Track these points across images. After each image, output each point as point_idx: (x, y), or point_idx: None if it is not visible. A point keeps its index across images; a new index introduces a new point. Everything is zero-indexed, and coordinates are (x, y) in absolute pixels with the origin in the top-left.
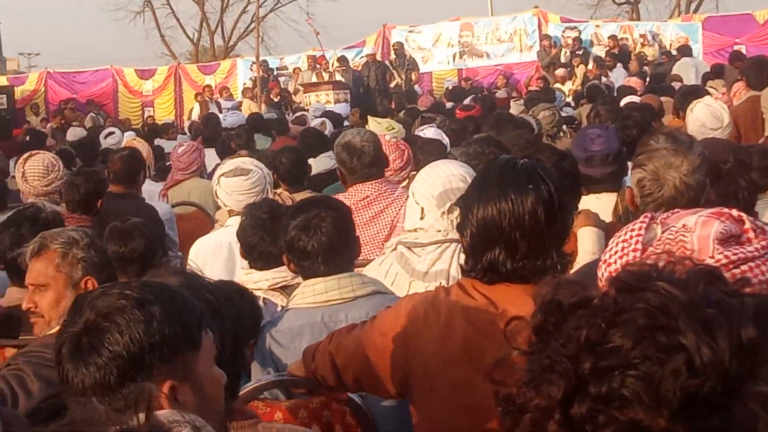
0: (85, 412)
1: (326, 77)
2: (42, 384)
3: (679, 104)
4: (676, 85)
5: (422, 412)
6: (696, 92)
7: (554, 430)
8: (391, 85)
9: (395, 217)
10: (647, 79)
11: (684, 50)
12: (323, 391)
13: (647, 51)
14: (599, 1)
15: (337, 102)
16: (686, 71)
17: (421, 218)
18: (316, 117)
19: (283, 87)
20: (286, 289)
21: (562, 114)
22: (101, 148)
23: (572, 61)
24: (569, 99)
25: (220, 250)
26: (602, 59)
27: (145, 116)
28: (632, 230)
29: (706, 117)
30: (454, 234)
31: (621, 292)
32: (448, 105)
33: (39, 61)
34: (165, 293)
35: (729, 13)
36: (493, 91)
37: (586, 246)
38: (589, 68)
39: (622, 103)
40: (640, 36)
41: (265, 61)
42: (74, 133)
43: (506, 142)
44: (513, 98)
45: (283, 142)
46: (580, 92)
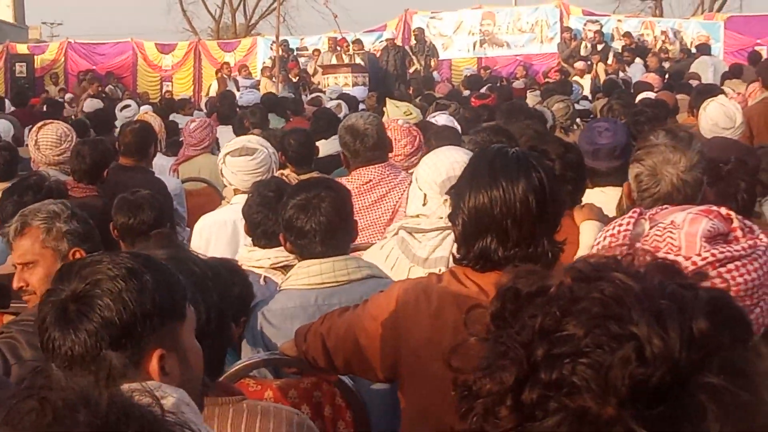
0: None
1: (346, 60)
2: (36, 352)
3: (695, 102)
4: (694, 83)
5: (410, 398)
6: (711, 91)
7: (505, 416)
8: (410, 71)
9: (398, 202)
10: (666, 76)
11: (703, 48)
12: (314, 371)
13: (668, 48)
14: None
15: (355, 85)
16: (704, 70)
17: (424, 204)
18: (332, 99)
19: (302, 68)
20: (287, 269)
21: (579, 107)
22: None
23: (592, 54)
24: (587, 92)
25: (224, 228)
26: (621, 54)
27: (163, 91)
28: (620, 225)
29: (719, 116)
30: None
31: (577, 282)
32: (465, 93)
33: (61, 30)
34: (153, 263)
35: (752, 14)
36: (512, 81)
37: (587, 240)
38: (608, 63)
39: (638, 99)
40: (662, 33)
41: (285, 41)
42: (91, 104)
43: (515, 131)
44: (530, 89)
45: (298, 122)
46: (597, 86)
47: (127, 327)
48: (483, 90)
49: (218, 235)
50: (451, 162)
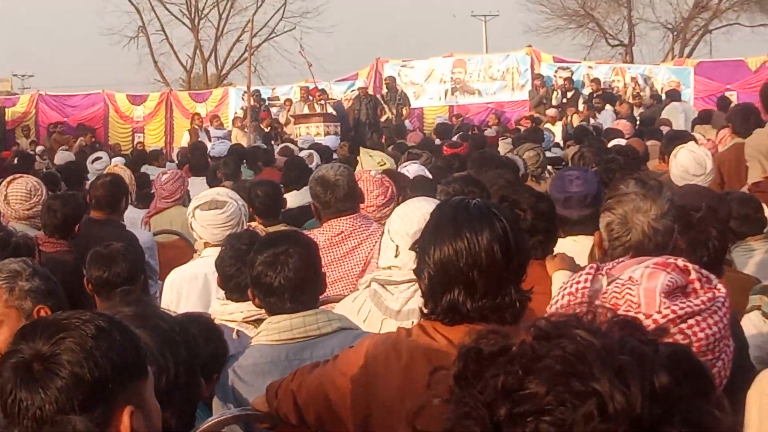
0: None
1: (318, 109)
2: None
3: (666, 149)
4: (665, 129)
5: None
6: (682, 137)
7: None
8: (382, 120)
9: (370, 254)
10: (637, 123)
11: (673, 94)
12: (286, 428)
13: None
14: (593, 42)
15: (327, 134)
16: (675, 116)
17: (396, 256)
18: (304, 149)
19: (274, 117)
20: (260, 322)
21: (550, 155)
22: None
23: (565, 104)
24: (558, 139)
25: (195, 282)
26: (591, 100)
27: (135, 142)
28: (578, 282)
29: (690, 163)
30: None
31: (539, 340)
32: (438, 141)
33: (32, 82)
34: (116, 321)
35: (721, 59)
36: (484, 129)
37: None
38: (579, 110)
39: (609, 146)
40: (632, 79)
41: (257, 91)
42: (62, 156)
43: (486, 181)
44: (502, 137)
45: (269, 173)
46: (569, 133)
47: (98, 384)
48: (455, 138)
49: (189, 289)
50: (423, 213)
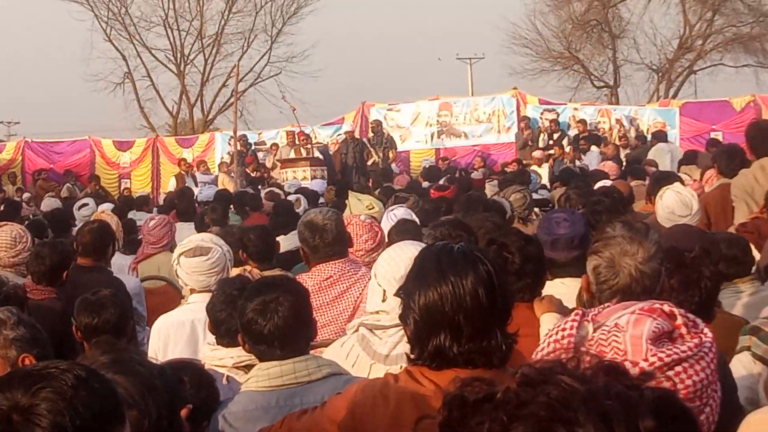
0: None
1: (304, 153)
2: None
3: (652, 190)
4: (651, 170)
5: None
6: (668, 178)
7: None
8: (369, 163)
9: (359, 298)
10: (623, 164)
11: (659, 135)
12: None
13: (624, 135)
14: (579, 84)
15: (314, 178)
16: (662, 157)
17: (383, 300)
18: (291, 193)
19: (260, 162)
20: (250, 368)
21: (537, 196)
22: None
23: (550, 143)
24: (545, 181)
25: (182, 328)
26: (577, 142)
27: (122, 188)
28: (563, 329)
29: (675, 204)
30: None
31: (523, 386)
32: (426, 184)
33: (18, 129)
34: (92, 369)
35: (706, 100)
36: (470, 171)
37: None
38: (566, 151)
39: (595, 187)
40: (616, 121)
41: (244, 136)
42: (48, 203)
43: (474, 224)
44: (488, 179)
45: (257, 218)
46: (555, 175)
47: None
48: (441, 181)
49: (177, 336)
50: (409, 257)
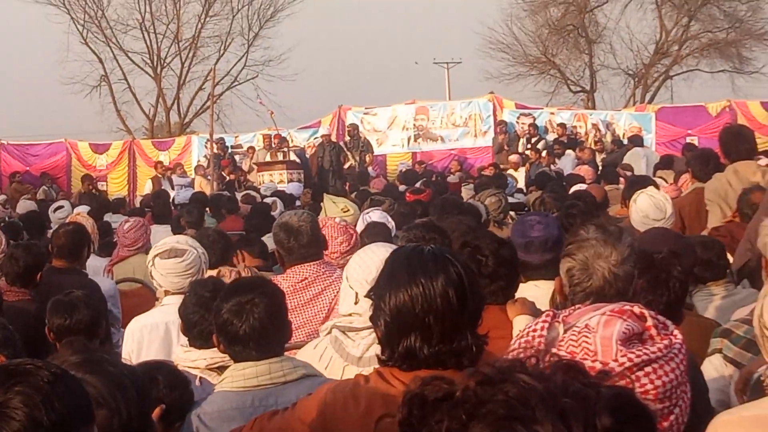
0: None
1: (280, 156)
2: None
3: (627, 194)
4: (627, 174)
5: None
6: (643, 182)
7: None
8: (345, 167)
9: (333, 300)
10: (599, 168)
11: (635, 140)
12: None
13: (600, 139)
14: (555, 88)
15: (291, 181)
16: (637, 161)
17: (356, 303)
18: (267, 196)
19: (237, 165)
20: (223, 369)
21: (513, 200)
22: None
23: (528, 147)
24: (521, 185)
25: (156, 330)
26: (552, 147)
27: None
28: (534, 330)
29: (649, 208)
30: None
31: (482, 385)
32: (402, 188)
33: None
34: (65, 371)
35: (682, 105)
36: (447, 175)
37: None
38: (542, 155)
39: (571, 191)
40: (593, 125)
41: (222, 139)
42: (24, 205)
43: (448, 227)
44: (465, 183)
45: (232, 221)
46: (531, 179)
47: (55, 428)
48: (418, 184)
49: (150, 337)
50: (380, 259)
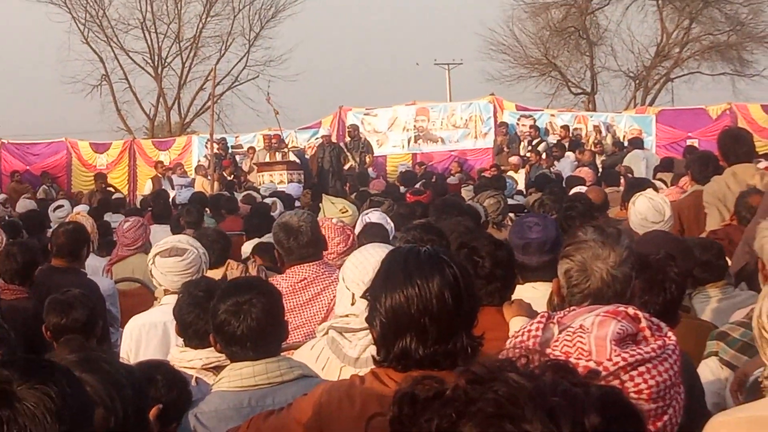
0: None
1: (279, 157)
2: None
3: (626, 196)
4: (628, 176)
5: None
6: (642, 185)
7: None
8: (345, 167)
9: (332, 300)
10: (599, 170)
11: (635, 142)
12: None
13: (601, 141)
14: (556, 90)
15: (290, 182)
16: (637, 163)
17: (352, 303)
18: (266, 197)
19: (238, 165)
20: (219, 369)
21: (513, 202)
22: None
23: (530, 149)
24: (521, 187)
25: (154, 329)
26: (551, 149)
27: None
28: (529, 331)
29: (648, 210)
30: None
31: (472, 384)
32: (402, 189)
33: None
34: (65, 369)
35: (683, 107)
36: (447, 176)
37: None
38: (542, 157)
39: (571, 193)
40: (594, 127)
41: (224, 139)
42: (23, 204)
43: (446, 228)
44: (465, 185)
45: (232, 221)
46: (531, 180)
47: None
48: (417, 185)
49: (148, 337)
50: (377, 260)
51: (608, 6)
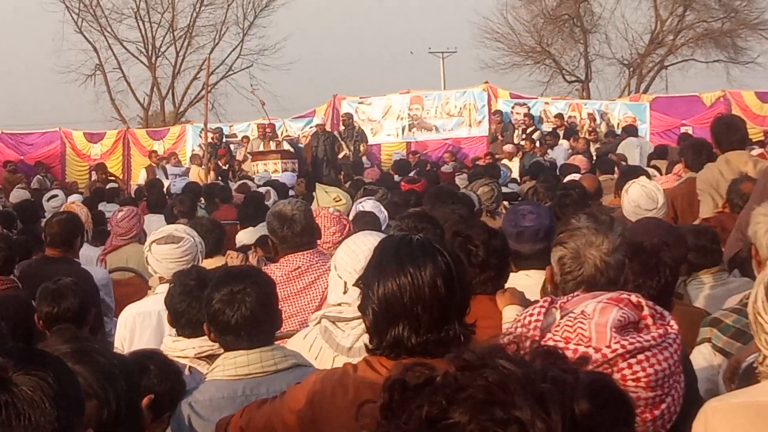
0: None
1: (273, 146)
2: None
3: (620, 184)
4: (622, 163)
5: None
6: (636, 172)
7: None
8: (340, 156)
9: (326, 289)
10: (593, 158)
11: (629, 130)
12: None
13: (595, 129)
14: (550, 78)
15: (285, 171)
16: (631, 151)
17: (345, 292)
18: (260, 186)
19: (232, 155)
20: (212, 358)
21: (507, 190)
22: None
23: (524, 137)
24: (515, 175)
25: (149, 319)
26: (544, 138)
27: (92, 180)
28: (531, 315)
29: (641, 198)
30: None
31: (462, 370)
32: (397, 177)
33: None
34: (58, 359)
35: (677, 95)
36: (441, 165)
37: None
38: (536, 145)
39: (565, 181)
40: (588, 115)
41: (219, 129)
42: (17, 194)
43: (440, 217)
44: (459, 173)
45: (226, 210)
46: (525, 168)
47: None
48: (411, 174)
49: (143, 326)
50: (368, 248)
51: None
